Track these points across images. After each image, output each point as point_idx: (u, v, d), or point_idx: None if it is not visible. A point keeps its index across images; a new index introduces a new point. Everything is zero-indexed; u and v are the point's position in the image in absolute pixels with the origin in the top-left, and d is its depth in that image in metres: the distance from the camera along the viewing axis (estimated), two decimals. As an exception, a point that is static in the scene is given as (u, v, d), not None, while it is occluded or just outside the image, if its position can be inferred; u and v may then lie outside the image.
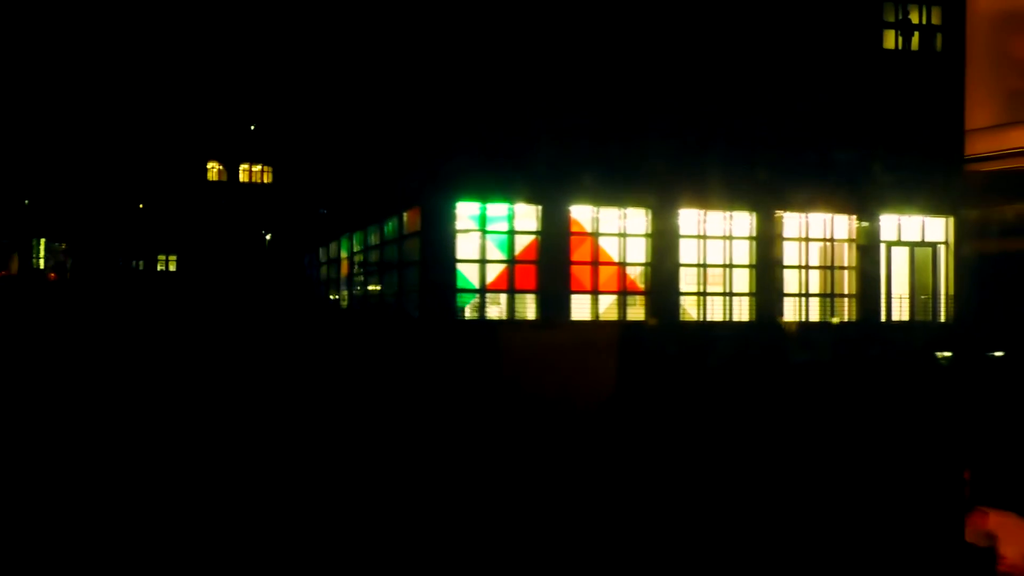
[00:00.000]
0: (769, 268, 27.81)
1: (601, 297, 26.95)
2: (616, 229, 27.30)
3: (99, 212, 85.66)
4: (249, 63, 75.66)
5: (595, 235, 27.14)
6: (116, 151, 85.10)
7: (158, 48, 79.73)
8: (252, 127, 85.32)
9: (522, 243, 26.69)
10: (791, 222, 28.26)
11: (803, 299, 28.14)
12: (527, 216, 26.66)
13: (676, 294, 27.42)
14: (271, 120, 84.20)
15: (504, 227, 26.54)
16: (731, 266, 27.90)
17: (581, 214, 27.04)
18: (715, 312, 27.65)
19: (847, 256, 28.67)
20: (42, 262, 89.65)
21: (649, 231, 27.36)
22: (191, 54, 79.88)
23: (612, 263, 27.21)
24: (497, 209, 26.49)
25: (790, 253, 28.23)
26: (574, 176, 26.56)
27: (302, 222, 53.92)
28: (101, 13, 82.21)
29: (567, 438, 18.20)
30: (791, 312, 27.94)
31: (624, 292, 27.20)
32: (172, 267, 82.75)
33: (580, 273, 26.93)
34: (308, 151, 46.44)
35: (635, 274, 27.47)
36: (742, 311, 27.79)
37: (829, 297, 28.42)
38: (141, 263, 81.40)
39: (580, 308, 26.69)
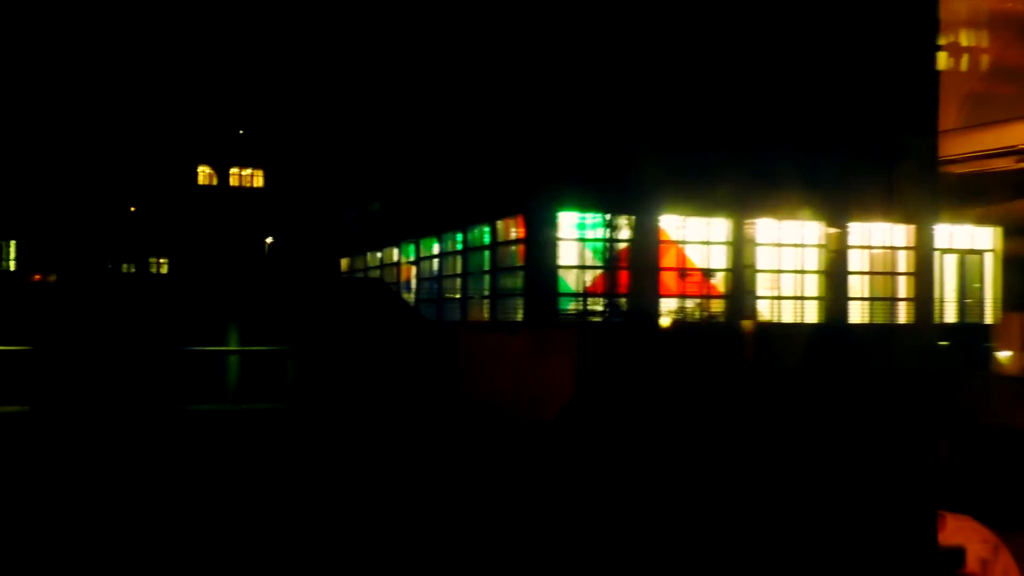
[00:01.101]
0: (837, 274, 30.22)
1: (686, 301, 29.12)
2: (700, 237, 29.46)
3: (87, 214, 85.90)
4: (250, 66, 76.60)
5: (681, 243, 29.29)
6: (105, 153, 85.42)
7: (153, 51, 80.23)
8: (241, 131, 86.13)
9: (616, 250, 28.76)
10: (857, 231, 30.70)
11: (868, 303, 30.60)
12: (620, 225, 28.73)
13: (753, 297, 29.67)
14: (265, 124, 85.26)
15: (600, 235, 28.58)
16: (803, 272, 30.25)
17: (669, 223, 29.16)
18: (787, 315, 29.94)
19: (905, 263, 31.15)
20: (11, 264, 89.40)
21: (730, 239, 29.57)
22: (184, 57, 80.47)
23: (695, 269, 29.37)
24: (593, 218, 28.52)
25: (854, 260, 30.66)
26: (662, 188, 28.64)
27: (323, 229, 55.34)
28: (91, 14, 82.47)
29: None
30: (857, 315, 30.37)
31: (707, 296, 29.39)
32: (163, 270, 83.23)
33: (667, 278, 29.07)
34: (343, 157, 48.01)
35: (716, 279, 29.66)
36: (811, 314, 30.15)
37: (891, 301, 30.90)
38: (132, 266, 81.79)
39: (667, 311, 28.83)
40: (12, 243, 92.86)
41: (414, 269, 38.15)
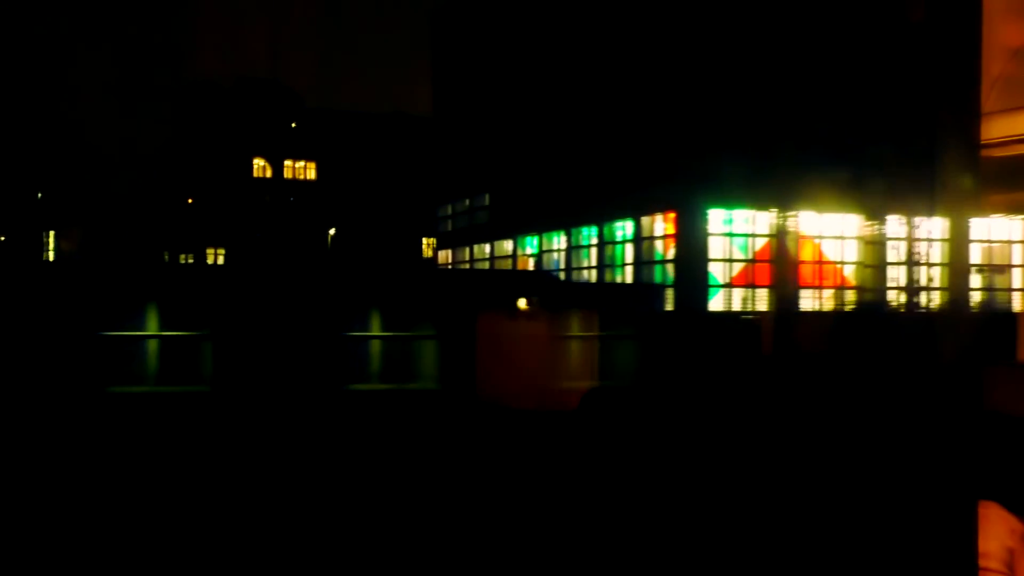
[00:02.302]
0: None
1: (823, 291, 31.05)
2: (834, 232, 31.37)
3: (148, 205, 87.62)
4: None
5: (818, 238, 31.20)
6: (164, 147, 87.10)
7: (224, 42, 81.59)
8: (293, 124, 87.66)
9: (758, 245, 30.66)
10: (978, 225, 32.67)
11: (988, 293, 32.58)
12: (763, 222, 30.63)
13: (884, 288, 31.58)
14: (316, 119, 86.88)
15: (744, 230, 30.50)
16: (928, 264, 32.16)
17: (807, 220, 31.06)
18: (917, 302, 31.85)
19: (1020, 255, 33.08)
20: (51, 254, 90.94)
21: (860, 234, 31.48)
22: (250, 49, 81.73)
23: (830, 262, 31.29)
24: (739, 215, 30.44)
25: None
26: (801, 187, 30.51)
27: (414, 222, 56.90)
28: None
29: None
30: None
31: (841, 287, 31.32)
32: (220, 260, 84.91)
33: (805, 270, 30.98)
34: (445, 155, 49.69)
35: (848, 271, 31.59)
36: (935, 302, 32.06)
37: (1008, 292, 32.87)
38: (191, 256, 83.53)
39: (806, 301, 30.74)
40: (51, 233, 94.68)
41: (532, 261, 40.00)
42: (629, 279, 32.92)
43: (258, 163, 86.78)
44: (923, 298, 30.77)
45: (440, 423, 17.59)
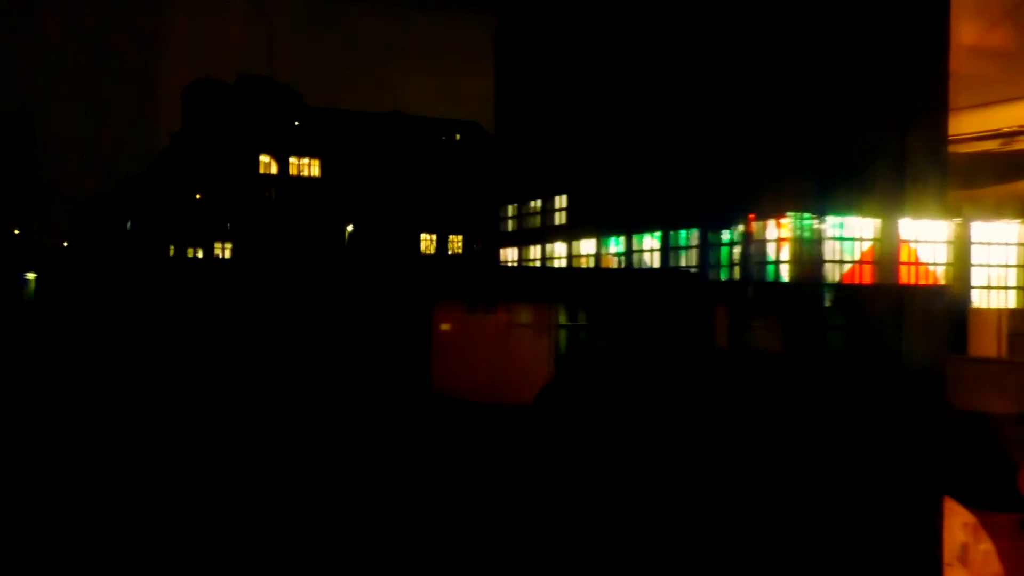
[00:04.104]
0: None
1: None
2: (929, 236, 34.46)
3: (158, 199, 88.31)
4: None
5: (914, 241, 34.27)
6: (179, 141, 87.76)
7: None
8: (296, 122, 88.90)
9: (862, 248, 33.66)
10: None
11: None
12: (866, 227, 33.63)
13: (968, 288, 34.79)
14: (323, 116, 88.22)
15: (850, 234, 33.48)
16: (1010, 266, 35.46)
17: (904, 225, 34.11)
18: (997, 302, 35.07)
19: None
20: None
21: (951, 238, 34.62)
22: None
23: (924, 264, 34.39)
24: (845, 220, 33.41)
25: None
26: (899, 193, 33.52)
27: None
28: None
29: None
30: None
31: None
32: (226, 255, 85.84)
33: (905, 272, 34.02)
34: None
35: (939, 272, 34.71)
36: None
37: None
38: (199, 251, 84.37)
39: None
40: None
41: (615, 261, 42.53)
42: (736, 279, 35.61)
43: (264, 159, 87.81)
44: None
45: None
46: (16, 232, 73.97)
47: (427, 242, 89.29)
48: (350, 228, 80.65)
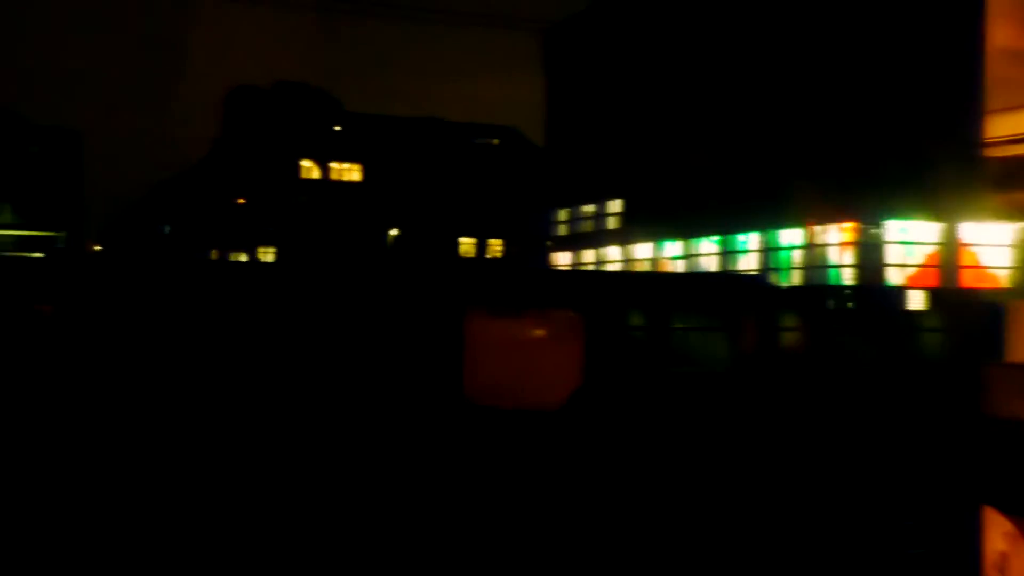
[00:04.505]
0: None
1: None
2: (987, 240, 34.62)
3: (198, 204, 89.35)
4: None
5: (975, 245, 34.44)
6: (222, 145, 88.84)
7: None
8: (338, 128, 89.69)
9: (925, 252, 33.90)
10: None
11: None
12: (930, 231, 33.85)
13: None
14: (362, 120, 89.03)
15: (914, 239, 33.71)
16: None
17: (967, 229, 34.29)
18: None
19: None
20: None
21: (1015, 243, 34.73)
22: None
23: (984, 267, 34.55)
24: (911, 225, 33.65)
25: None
26: (962, 198, 33.72)
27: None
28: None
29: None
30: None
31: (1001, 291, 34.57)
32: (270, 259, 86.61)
33: (967, 276, 34.20)
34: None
35: (1003, 275, 34.84)
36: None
37: None
38: (243, 255, 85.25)
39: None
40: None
41: (670, 265, 42.89)
42: (798, 282, 35.91)
43: (305, 165, 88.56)
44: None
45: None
46: (65, 236, 75.17)
47: (467, 246, 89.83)
48: (394, 233, 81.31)
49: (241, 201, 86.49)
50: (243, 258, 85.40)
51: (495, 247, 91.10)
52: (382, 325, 15.53)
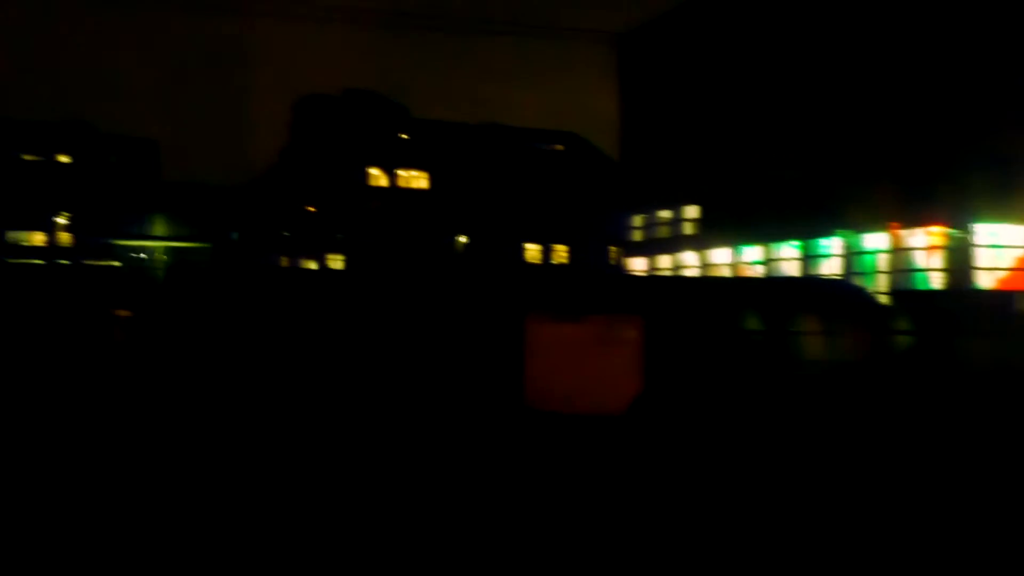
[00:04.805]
0: None
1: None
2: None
3: (267, 211, 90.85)
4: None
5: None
6: (291, 154, 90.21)
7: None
8: (403, 135, 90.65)
9: (1015, 255, 33.84)
10: None
11: None
12: (1020, 234, 33.81)
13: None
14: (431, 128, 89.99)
15: (1002, 242, 33.67)
16: None
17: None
18: None
19: None
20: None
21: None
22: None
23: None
24: (999, 228, 33.61)
25: None
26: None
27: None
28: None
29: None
30: None
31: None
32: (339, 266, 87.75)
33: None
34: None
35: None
36: None
37: None
38: (312, 262, 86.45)
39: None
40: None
41: (750, 270, 43.07)
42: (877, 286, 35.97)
43: (373, 172, 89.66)
44: None
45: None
46: (145, 243, 76.89)
47: (532, 252, 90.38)
48: (463, 239, 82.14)
49: (310, 208, 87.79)
50: (312, 265, 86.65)
51: (560, 252, 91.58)
52: (442, 330, 15.94)
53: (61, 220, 76.26)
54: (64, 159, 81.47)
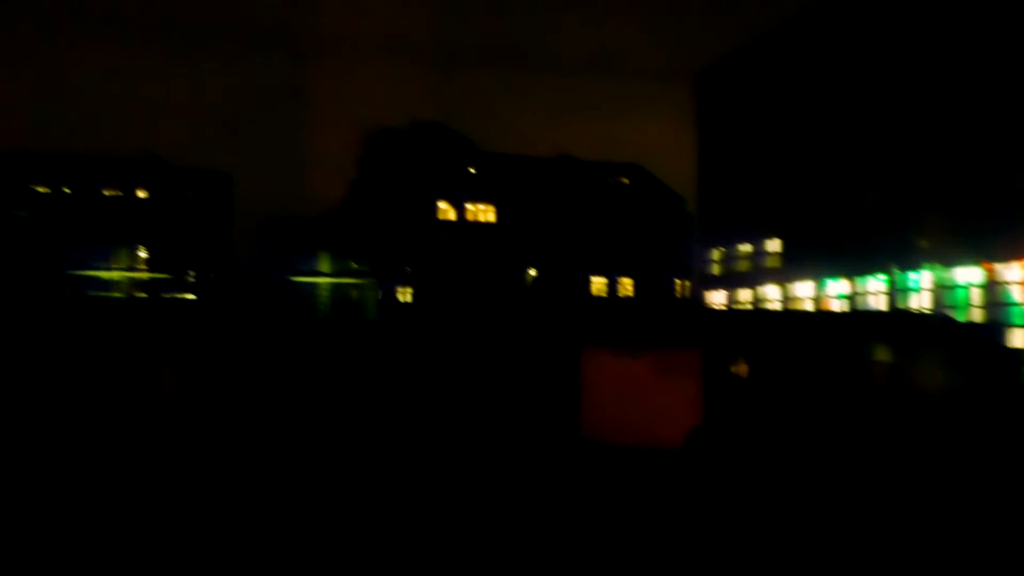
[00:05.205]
0: None
1: None
2: None
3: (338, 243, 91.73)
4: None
5: None
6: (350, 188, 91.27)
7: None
8: (472, 170, 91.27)
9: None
10: None
11: None
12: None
13: None
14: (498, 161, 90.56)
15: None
16: None
17: None
18: None
19: None
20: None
21: None
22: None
23: None
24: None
25: None
26: None
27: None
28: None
29: None
30: None
31: None
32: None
33: None
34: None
35: None
36: None
37: None
38: (381, 294, 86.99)
39: None
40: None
41: (833, 303, 42.73)
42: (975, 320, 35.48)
43: (441, 206, 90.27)
44: None
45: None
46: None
47: (598, 285, 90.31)
48: (532, 273, 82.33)
49: (379, 241, 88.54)
50: (380, 297, 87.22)
51: (625, 285, 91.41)
52: (501, 362, 16.02)
53: (142, 254, 77.81)
54: (142, 194, 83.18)
